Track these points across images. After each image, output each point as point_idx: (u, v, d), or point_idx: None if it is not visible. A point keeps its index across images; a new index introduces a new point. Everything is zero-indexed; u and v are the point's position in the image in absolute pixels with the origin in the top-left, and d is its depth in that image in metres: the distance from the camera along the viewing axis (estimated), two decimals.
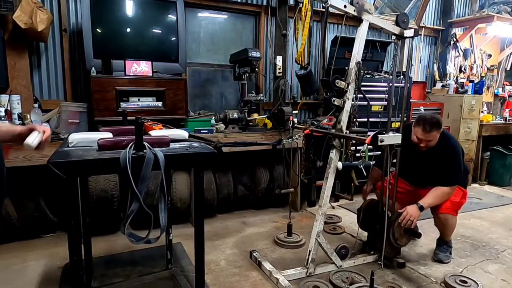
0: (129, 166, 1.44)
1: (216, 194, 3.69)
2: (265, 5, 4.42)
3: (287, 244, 3.12)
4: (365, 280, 2.51)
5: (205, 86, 4.41)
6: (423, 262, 2.91)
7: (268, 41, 4.45)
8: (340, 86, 2.56)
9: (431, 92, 5.73)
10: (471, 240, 3.37)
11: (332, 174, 2.59)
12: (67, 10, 3.50)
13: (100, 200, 3.07)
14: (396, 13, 4.06)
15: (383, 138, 2.24)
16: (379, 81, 4.38)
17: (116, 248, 2.98)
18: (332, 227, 3.54)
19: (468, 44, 5.98)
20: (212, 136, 3.38)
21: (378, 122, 4.10)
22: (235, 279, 2.59)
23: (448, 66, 5.79)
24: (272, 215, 3.92)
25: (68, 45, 3.53)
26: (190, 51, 4.18)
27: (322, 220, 2.61)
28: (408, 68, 3.07)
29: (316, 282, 2.49)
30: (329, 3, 2.39)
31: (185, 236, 3.14)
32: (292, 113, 3.72)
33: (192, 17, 4.20)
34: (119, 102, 3.18)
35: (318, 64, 4.80)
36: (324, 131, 2.73)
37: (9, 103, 3.03)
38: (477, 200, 4.65)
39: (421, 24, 5.47)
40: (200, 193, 1.87)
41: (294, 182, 3.96)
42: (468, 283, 2.54)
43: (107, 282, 2.43)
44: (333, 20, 4.69)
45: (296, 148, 3.61)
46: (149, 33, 3.58)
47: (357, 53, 2.58)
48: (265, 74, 4.57)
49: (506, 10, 5.60)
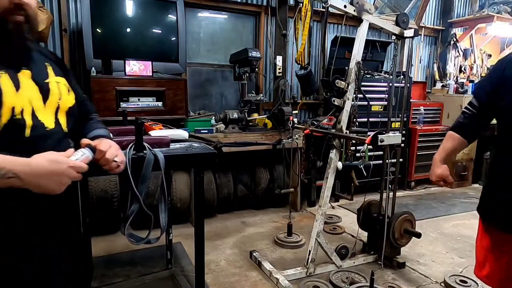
0: (129, 166, 1.44)
1: (216, 194, 3.69)
2: (265, 5, 4.42)
3: (287, 244, 3.12)
4: (365, 280, 2.51)
5: (205, 86, 4.41)
6: (423, 262, 2.91)
7: (268, 41, 4.45)
8: (340, 86, 2.57)
9: (431, 92, 5.73)
10: (471, 240, 3.35)
11: (332, 174, 2.59)
12: (67, 10, 3.50)
13: (100, 200, 3.07)
14: (396, 13, 4.05)
15: (383, 138, 2.24)
16: (379, 81, 4.38)
17: (116, 248, 2.97)
18: (332, 227, 3.54)
19: (468, 44, 5.98)
20: (212, 136, 3.38)
21: (378, 122, 4.10)
22: (235, 279, 2.59)
23: (448, 66, 5.79)
24: (272, 215, 3.92)
25: (68, 45, 3.53)
26: (190, 51, 4.18)
27: (322, 220, 2.61)
28: (408, 68, 3.07)
29: (316, 282, 2.49)
30: (329, 3, 2.39)
31: (185, 236, 3.14)
32: (292, 113, 3.72)
33: (192, 17, 4.20)
34: (119, 102, 3.18)
35: (318, 64, 4.79)
36: (324, 131, 2.73)
37: None
38: (477, 200, 4.64)
39: (421, 24, 5.47)
40: (200, 193, 1.87)
41: (294, 182, 3.96)
42: (468, 283, 2.54)
43: (107, 282, 2.43)
44: (333, 20, 4.69)
45: (296, 148, 3.61)
46: (149, 33, 3.58)
47: (357, 53, 2.58)
48: (265, 74, 4.57)
49: (506, 10, 5.60)
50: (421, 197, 4.66)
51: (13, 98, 0.97)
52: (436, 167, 1.70)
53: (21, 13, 0.98)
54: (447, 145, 1.69)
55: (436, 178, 1.71)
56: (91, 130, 1.25)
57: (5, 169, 0.85)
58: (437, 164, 1.70)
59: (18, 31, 1.00)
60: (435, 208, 4.21)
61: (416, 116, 4.89)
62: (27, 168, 0.88)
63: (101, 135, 1.23)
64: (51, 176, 0.92)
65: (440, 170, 1.69)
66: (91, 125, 1.29)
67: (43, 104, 1.05)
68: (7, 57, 1.02)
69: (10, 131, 0.95)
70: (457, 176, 5.14)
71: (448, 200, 4.57)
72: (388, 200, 2.80)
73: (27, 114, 0.99)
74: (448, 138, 1.69)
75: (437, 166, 1.70)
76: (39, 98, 1.04)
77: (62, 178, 0.94)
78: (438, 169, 1.69)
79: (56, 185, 0.93)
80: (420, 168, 4.92)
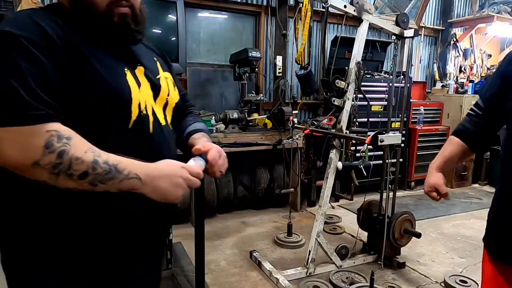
0: None
1: (216, 194, 3.69)
2: (265, 5, 4.42)
3: (287, 244, 3.12)
4: (365, 280, 2.51)
5: (205, 86, 4.40)
6: (423, 262, 2.91)
7: (268, 41, 4.45)
8: (340, 86, 2.57)
9: (431, 92, 5.73)
10: (471, 240, 3.37)
11: (332, 174, 2.59)
12: None
13: None
14: (396, 13, 4.05)
15: (383, 138, 2.25)
16: (379, 81, 4.38)
17: None
18: (332, 227, 3.54)
19: (468, 44, 5.98)
20: (212, 136, 3.38)
21: (378, 122, 4.10)
22: (235, 279, 2.59)
23: (448, 66, 5.79)
24: (272, 215, 3.92)
25: None
26: (190, 51, 4.18)
27: (322, 220, 2.62)
28: (408, 68, 3.08)
29: (316, 282, 2.49)
30: (329, 3, 2.40)
31: (185, 236, 3.14)
32: (292, 113, 3.72)
33: (192, 17, 4.20)
34: None
35: (318, 64, 4.79)
36: (324, 131, 2.73)
37: None
38: (477, 200, 4.65)
39: (421, 24, 5.47)
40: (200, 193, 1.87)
41: (294, 182, 3.96)
42: (468, 283, 2.54)
43: None
44: (333, 20, 4.68)
45: (296, 148, 3.61)
46: (149, 33, 3.57)
47: (357, 53, 2.58)
48: (265, 74, 4.57)
49: (506, 10, 5.60)
50: (421, 197, 4.66)
51: (138, 94, 0.95)
52: (430, 174, 1.43)
53: (125, 4, 0.94)
54: (445, 151, 1.43)
55: (428, 188, 1.42)
56: (190, 124, 1.22)
57: (127, 169, 0.82)
58: (431, 172, 1.43)
59: (124, 24, 0.95)
60: (435, 208, 4.22)
61: (416, 116, 4.89)
62: (146, 169, 0.85)
63: (199, 129, 1.19)
64: (169, 177, 0.88)
65: (433, 178, 1.41)
66: (190, 118, 1.26)
67: (154, 100, 1.02)
68: (125, 54, 0.99)
69: (138, 127, 0.93)
70: (457, 176, 5.15)
71: (448, 200, 4.56)
72: (388, 200, 2.80)
73: (149, 109, 0.98)
74: (448, 143, 1.44)
75: (431, 173, 1.43)
76: (151, 94, 1.02)
77: (178, 180, 0.89)
78: (432, 177, 1.42)
79: (173, 188, 0.88)
80: (420, 168, 4.92)
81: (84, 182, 0.78)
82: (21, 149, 0.74)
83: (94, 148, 0.80)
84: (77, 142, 0.78)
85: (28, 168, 0.75)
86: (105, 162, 0.79)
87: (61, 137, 0.76)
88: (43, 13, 0.88)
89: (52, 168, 0.75)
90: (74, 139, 0.78)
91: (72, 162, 0.76)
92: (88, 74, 0.86)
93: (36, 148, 0.74)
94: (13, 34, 0.78)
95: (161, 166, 0.89)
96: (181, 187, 0.89)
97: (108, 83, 0.88)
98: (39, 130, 0.75)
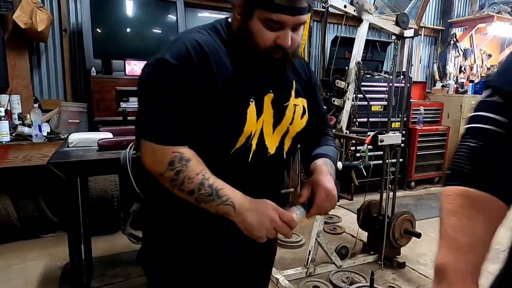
0: (129, 166, 1.44)
1: None
2: None
3: (287, 244, 3.12)
4: (365, 280, 2.51)
5: None
6: (423, 262, 2.91)
7: None
8: (340, 86, 2.57)
9: (431, 92, 5.73)
10: None
11: None
12: (67, 10, 3.49)
13: (100, 200, 3.07)
14: (396, 13, 4.05)
15: (383, 138, 2.25)
16: (379, 81, 4.37)
17: (116, 248, 2.97)
18: (332, 227, 3.54)
19: (468, 44, 5.98)
20: None
21: (378, 122, 4.10)
22: None
23: (448, 66, 5.79)
24: None
25: (68, 45, 3.53)
26: None
27: (322, 220, 2.62)
28: (408, 68, 3.07)
29: (316, 282, 2.49)
30: (329, 3, 2.40)
31: None
32: None
33: (192, 17, 4.20)
34: (119, 102, 3.17)
35: (318, 64, 4.79)
36: None
37: (9, 103, 3.03)
38: None
39: (421, 24, 5.47)
40: None
41: (294, 182, 3.96)
42: None
43: (107, 282, 2.43)
44: (333, 20, 4.68)
45: (296, 148, 3.60)
46: (149, 33, 3.58)
47: (357, 53, 2.59)
48: None
49: (506, 10, 5.60)
50: (421, 197, 4.66)
51: (252, 126, 0.97)
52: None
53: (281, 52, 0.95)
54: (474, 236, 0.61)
55: None
56: (318, 146, 1.20)
57: (227, 195, 0.92)
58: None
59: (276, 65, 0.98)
60: (435, 208, 4.21)
61: (416, 116, 4.89)
62: (243, 200, 0.93)
63: (323, 154, 1.16)
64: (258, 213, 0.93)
65: None
66: (321, 139, 1.23)
67: (272, 129, 1.03)
68: (262, 83, 1.01)
69: (238, 155, 0.98)
70: None
71: None
72: (388, 200, 2.80)
73: (255, 139, 1.00)
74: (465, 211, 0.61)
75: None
76: (271, 122, 1.02)
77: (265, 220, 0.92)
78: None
79: (258, 225, 0.92)
80: (420, 168, 4.92)
81: (191, 197, 0.92)
82: (153, 161, 0.93)
83: (206, 171, 0.93)
84: (193, 165, 0.92)
85: (156, 175, 0.94)
86: (209, 186, 0.91)
87: (182, 158, 0.91)
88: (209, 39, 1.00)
89: (171, 181, 0.92)
90: (192, 161, 0.92)
91: (184, 181, 0.91)
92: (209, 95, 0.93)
93: (162, 164, 0.91)
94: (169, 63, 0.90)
95: (256, 201, 0.95)
96: (266, 227, 0.93)
97: (224, 112, 0.94)
98: (168, 150, 0.91)
